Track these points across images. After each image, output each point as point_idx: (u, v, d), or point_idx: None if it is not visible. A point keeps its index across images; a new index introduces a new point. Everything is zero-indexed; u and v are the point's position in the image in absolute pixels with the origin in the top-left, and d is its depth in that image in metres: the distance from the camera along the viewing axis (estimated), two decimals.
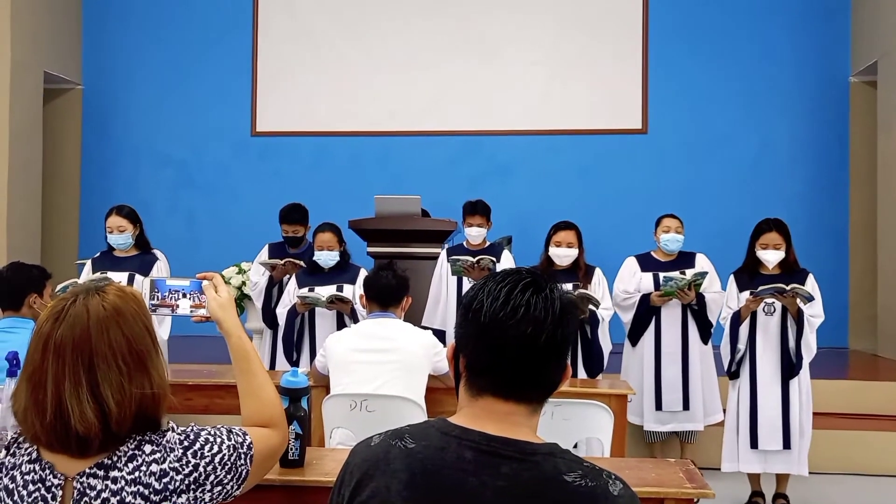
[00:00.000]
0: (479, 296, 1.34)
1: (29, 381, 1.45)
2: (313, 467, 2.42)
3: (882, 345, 7.82)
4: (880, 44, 7.94)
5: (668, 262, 5.09)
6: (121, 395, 1.43)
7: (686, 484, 2.34)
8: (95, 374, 1.43)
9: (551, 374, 1.34)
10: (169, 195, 9.08)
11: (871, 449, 5.36)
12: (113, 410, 1.42)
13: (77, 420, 1.40)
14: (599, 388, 4.05)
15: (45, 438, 1.44)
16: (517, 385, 1.32)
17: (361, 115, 8.93)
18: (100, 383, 1.43)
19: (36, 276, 3.75)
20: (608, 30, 8.81)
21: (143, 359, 1.48)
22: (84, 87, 9.36)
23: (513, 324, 1.29)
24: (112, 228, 4.84)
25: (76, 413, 1.40)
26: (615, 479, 1.29)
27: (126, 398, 1.43)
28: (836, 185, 8.55)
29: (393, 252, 5.49)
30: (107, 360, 1.44)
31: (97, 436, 1.41)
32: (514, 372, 1.31)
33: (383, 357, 3.42)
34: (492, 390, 1.33)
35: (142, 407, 1.45)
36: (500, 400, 1.33)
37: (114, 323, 1.47)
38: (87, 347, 1.44)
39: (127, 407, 1.43)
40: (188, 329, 5.72)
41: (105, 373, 1.43)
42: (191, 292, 1.91)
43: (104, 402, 1.42)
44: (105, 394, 1.43)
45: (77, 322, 1.45)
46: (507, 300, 1.31)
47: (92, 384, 1.43)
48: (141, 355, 1.48)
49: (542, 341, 1.29)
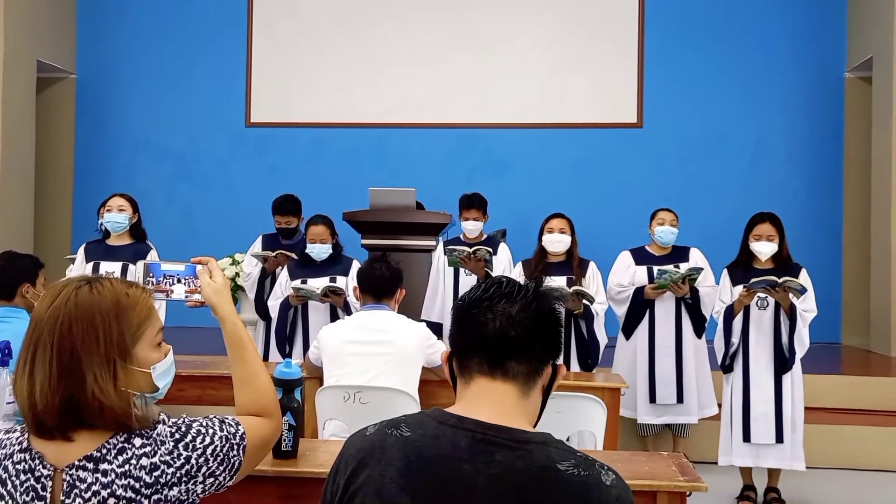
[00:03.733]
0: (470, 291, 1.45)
1: (23, 368, 1.46)
2: (306, 459, 2.42)
3: (874, 340, 7.85)
4: (875, 40, 7.95)
5: (663, 256, 5.09)
6: (48, 385, 1.42)
7: (679, 477, 2.35)
8: (79, 361, 1.43)
9: (533, 345, 1.38)
10: (165, 187, 9.04)
11: (863, 444, 5.39)
12: (88, 396, 1.42)
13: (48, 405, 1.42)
14: (592, 381, 4.06)
15: (34, 424, 1.45)
16: (499, 356, 1.37)
17: (358, 108, 8.92)
18: (83, 369, 1.43)
19: (28, 265, 3.72)
20: (605, 24, 8.81)
21: (78, 361, 1.44)
22: (78, 77, 9.31)
23: (487, 301, 1.39)
24: (112, 207, 4.78)
25: (47, 396, 1.42)
26: (608, 470, 1.32)
27: (51, 390, 1.42)
28: (830, 181, 8.57)
29: (387, 244, 5.48)
30: (88, 350, 1.44)
31: (71, 423, 1.43)
32: (495, 344, 1.37)
33: (377, 349, 3.42)
34: (479, 369, 1.38)
35: (70, 406, 1.43)
36: (489, 378, 1.38)
37: (105, 313, 1.46)
38: (71, 335, 1.44)
39: (107, 398, 1.43)
40: (182, 320, 5.73)
41: (87, 360, 1.43)
42: (185, 277, 1.90)
43: (83, 389, 1.43)
44: (89, 381, 1.43)
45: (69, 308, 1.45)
46: (485, 287, 1.42)
47: (71, 370, 1.43)
48: (77, 357, 1.44)
49: (516, 311, 1.37)
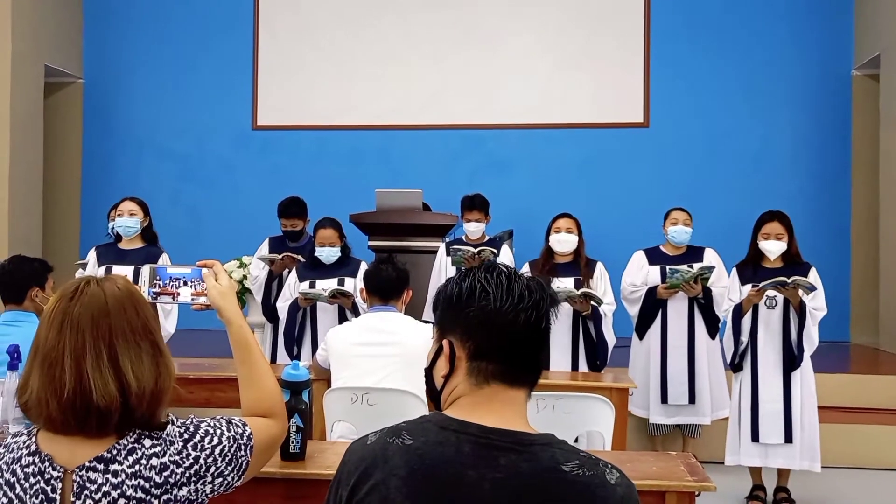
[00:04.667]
0: (477, 284, 1.36)
1: (43, 363, 1.45)
2: (314, 460, 2.43)
3: (884, 339, 7.81)
4: (883, 37, 7.91)
5: (677, 256, 5.06)
6: (140, 370, 1.46)
7: (687, 477, 2.34)
8: (115, 349, 1.46)
9: (543, 358, 1.41)
10: (171, 189, 9.06)
11: (872, 443, 5.37)
12: (132, 384, 1.44)
13: (100, 393, 1.42)
14: (601, 381, 4.06)
15: (62, 418, 1.43)
16: (523, 369, 1.37)
17: (362, 109, 8.91)
18: (119, 357, 1.45)
19: (38, 269, 3.74)
20: (610, 23, 8.78)
21: (157, 340, 1.52)
22: (85, 81, 9.34)
23: (521, 309, 1.33)
24: (123, 212, 4.79)
25: (99, 386, 1.42)
26: (612, 469, 1.31)
27: (144, 374, 1.46)
28: (838, 179, 8.52)
29: (394, 246, 5.49)
30: (125, 336, 1.47)
31: (117, 410, 1.43)
32: (522, 356, 1.36)
33: (384, 350, 3.42)
34: (500, 377, 1.36)
35: (157, 386, 1.48)
36: (507, 386, 1.36)
37: (129, 303, 1.51)
38: (107, 323, 1.47)
39: (146, 383, 1.46)
40: (191, 323, 5.75)
41: (124, 348, 1.46)
42: (191, 280, 1.91)
43: (124, 376, 1.44)
44: (126, 368, 1.45)
45: (94, 300, 1.48)
46: (510, 287, 1.35)
47: (112, 359, 1.45)
48: (154, 336, 1.52)
49: (543, 325, 1.36)
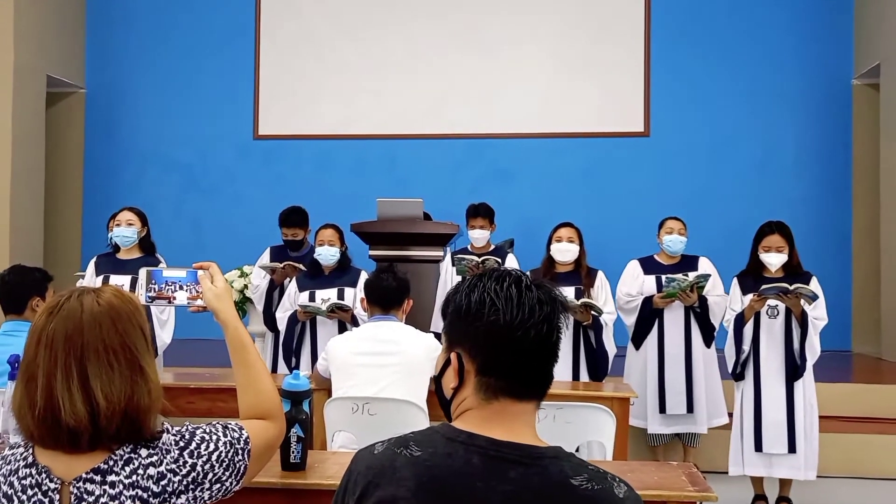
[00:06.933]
0: (486, 298, 1.33)
1: (23, 376, 1.45)
2: (315, 470, 2.42)
3: (886, 348, 7.80)
4: (883, 46, 7.93)
5: (671, 265, 5.07)
6: (110, 389, 1.43)
7: (689, 487, 2.34)
8: (85, 368, 1.43)
9: (552, 371, 1.38)
10: (173, 199, 9.07)
11: (874, 452, 5.35)
12: (101, 405, 1.42)
13: (67, 413, 1.40)
14: (601, 391, 4.04)
15: (38, 433, 1.44)
16: (533, 384, 1.35)
17: (365, 119, 8.93)
18: (89, 377, 1.43)
19: (38, 278, 3.72)
20: (611, 33, 8.81)
21: (136, 357, 1.48)
22: (87, 91, 9.37)
23: (532, 324, 1.31)
24: (121, 222, 4.80)
25: (66, 405, 1.41)
26: (620, 482, 1.30)
27: (115, 394, 1.43)
28: (839, 188, 8.53)
29: (395, 255, 5.48)
30: (98, 354, 1.44)
31: (87, 429, 1.41)
32: (531, 371, 1.34)
33: (385, 360, 3.42)
34: (509, 392, 1.34)
35: (131, 405, 1.44)
36: (516, 401, 1.34)
37: (107, 319, 1.47)
38: (79, 340, 1.44)
39: (116, 403, 1.43)
40: (189, 332, 5.74)
41: (95, 367, 1.44)
42: (187, 283, 1.89)
43: (93, 396, 1.42)
44: (94, 387, 1.42)
45: (70, 315, 1.46)
46: (521, 300, 1.32)
47: (82, 377, 1.43)
48: (133, 353, 1.47)
49: (553, 338, 1.35)
